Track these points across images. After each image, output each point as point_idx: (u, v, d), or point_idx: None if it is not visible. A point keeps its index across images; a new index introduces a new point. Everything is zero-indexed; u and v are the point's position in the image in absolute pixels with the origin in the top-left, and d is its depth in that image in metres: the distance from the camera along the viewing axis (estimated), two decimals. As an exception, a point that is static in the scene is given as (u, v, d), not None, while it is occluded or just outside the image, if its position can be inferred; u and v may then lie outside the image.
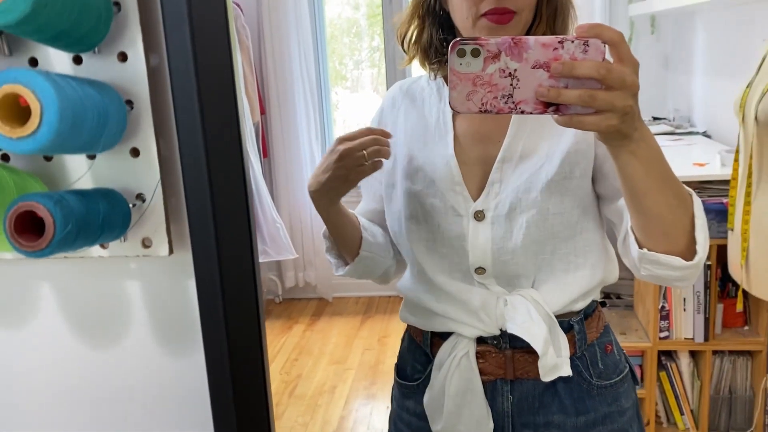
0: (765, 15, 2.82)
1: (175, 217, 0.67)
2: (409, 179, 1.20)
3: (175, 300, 0.71)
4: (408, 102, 1.27)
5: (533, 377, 1.18)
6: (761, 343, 2.68)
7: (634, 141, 0.86)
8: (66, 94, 0.52)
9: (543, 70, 0.77)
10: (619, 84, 0.78)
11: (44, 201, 0.54)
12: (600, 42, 0.77)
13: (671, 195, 0.96)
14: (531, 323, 1.13)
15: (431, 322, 1.23)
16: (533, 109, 0.78)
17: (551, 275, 1.17)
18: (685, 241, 1.01)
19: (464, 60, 0.77)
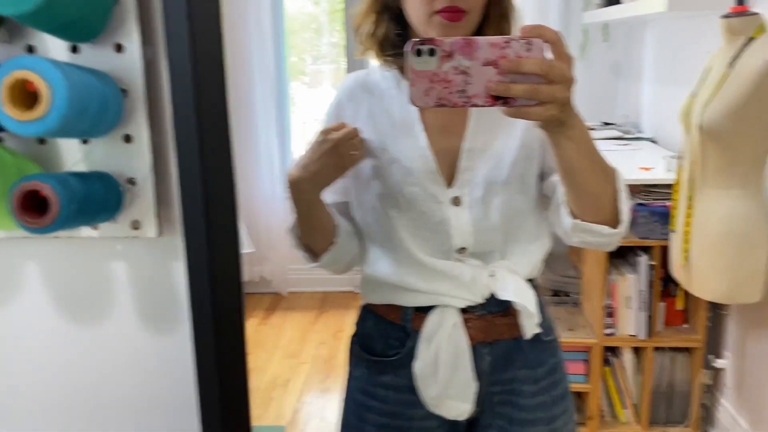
0: (710, 28, 2.97)
1: (163, 202, 0.70)
2: (385, 170, 1.26)
3: (161, 281, 0.73)
4: (368, 95, 1.32)
5: (506, 338, 1.31)
6: (699, 340, 2.82)
7: (569, 127, 0.98)
8: (73, 80, 0.54)
9: (492, 67, 0.86)
10: (559, 78, 0.88)
11: (49, 180, 0.57)
12: (541, 41, 0.87)
13: (600, 171, 1.10)
14: (521, 289, 1.27)
15: (416, 298, 1.30)
16: (484, 103, 0.87)
17: (517, 246, 1.31)
18: (611, 211, 1.15)
19: (421, 59, 0.85)
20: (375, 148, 1.28)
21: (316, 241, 1.31)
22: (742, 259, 2.32)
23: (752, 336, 2.63)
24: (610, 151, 3.26)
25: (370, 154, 1.28)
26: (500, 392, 1.32)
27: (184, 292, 0.73)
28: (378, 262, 1.34)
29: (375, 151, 1.28)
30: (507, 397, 1.32)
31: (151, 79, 0.67)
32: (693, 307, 2.90)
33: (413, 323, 1.31)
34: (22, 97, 0.56)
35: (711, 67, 2.42)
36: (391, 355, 1.34)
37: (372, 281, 1.36)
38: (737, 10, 2.27)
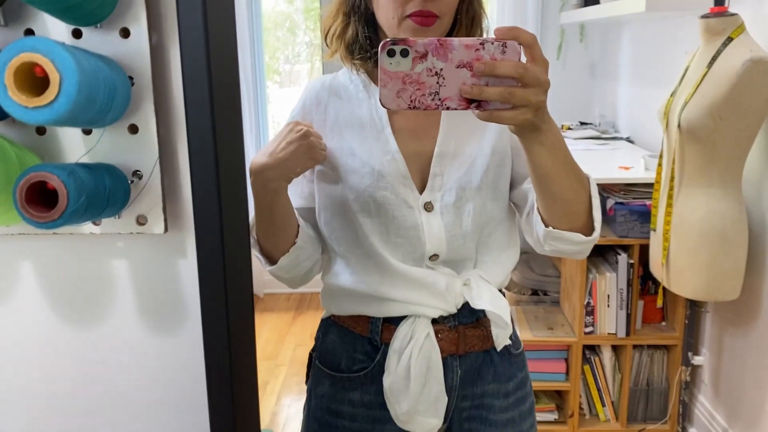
0: (686, 29, 3.01)
1: (170, 196, 0.67)
2: (355, 174, 1.21)
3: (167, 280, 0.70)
4: (335, 98, 1.28)
5: (477, 350, 1.29)
6: (677, 337, 2.85)
7: (543, 132, 0.97)
8: (82, 65, 0.51)
9: (466, 69, 0.84)
10: (534, 82, 0.86)
11: (57, 172, 0.53)
12: (517, 44, 0.85)
13: (573, 178, 1.09)
14: (496, 298, 1.24)
15: (386, 308, 1.25)
16: (458, 106, 0.85)
17: (488, 255, 1.28)
18: (584, 219, 1.15)
19: (394, 60, 0.83)
20: (343, 152, 1.23)
21: (276, 241, 1.24)
22: (721, 257, 2.35)
23: (729, 333, 2.67)
24: (588, 151, 3.29)
25: (337, 158, 1.24)
26: (470, 407, 1.29)
27: (191, 291, 0.69)
28: (344, 271, 1.28)
29: (343, 156, 1.23)
30: (477, 412, 1.29)
31: (156, 66, 0.64)
32: (671, 306, 2.93)
33: (382, 335, 1.26)
34: (27, 81, 0.52)
35: (689, 66, 2.45)
36: (358, 370, 1.29)
37: (336, 292, 1.30)
38: (716, 10, 2.30)
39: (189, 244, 0.68)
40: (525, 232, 1.28)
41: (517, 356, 1.35)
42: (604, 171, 2.87)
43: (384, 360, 1.25)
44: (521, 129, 0.95)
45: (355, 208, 1.22)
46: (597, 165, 2.95)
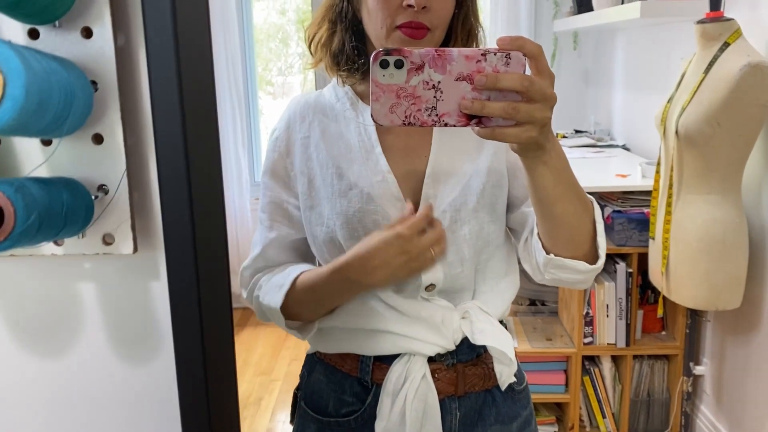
0: (681, 35, 2.98)
1: (139, 212, 0.61)
2: (344, 198, 1.12)
3: (137, 302, 0.64)
4: (321, 117, 1.19)
5: (477, 390, 1.19)
6: (677, 347, 2.80)
7: (547, 152, 0.89)
8: (32, 67, 0.45)
9: (466, 82, 0.77)
10: (540, 96, 0.79)
11: (3, 188, 0.47)
12: (521, 55, 0.78)
13: (577, 202, 1.01)
14: (498, 333, 1.15)
15: (378, 345, 1.15)
16: (456, 122, 0.78)
17: (485, 284, 1.18)
18: (588, 246, 1.07)
19: (387, 71, 0.76)
20: (329, 174, 1.14)
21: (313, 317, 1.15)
22: (721, 265, 2.31)
23: (731, 342, 2.62)
24: (584, 159, 3.25)
25: (323, 181, 1.14)
26: None
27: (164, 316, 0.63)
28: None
29: (329, 177, 1.14)
30: None
31: (123, 70, 0.58)
32: (671, 314, 2.88)
33: (373, 375, 1.16)
34: (-31, 87, 0.47)
35: (686, 72, 2.41)
36: (347, 414, 1.18)
37: (320, 327, 1.18)
38: (712, 15, 2.27)
39: (161, 264, 0.62)
40: (523, 260, 1.18)
41: (521, 392, 1.25)
42: (601, 179, 2.83)
43: (375, 402, 1.15)
44: (524, 148, 0.88)
45: (343, 234, 1.12)
46: (593, 173, 2.91)
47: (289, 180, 1.18)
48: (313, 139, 1.17)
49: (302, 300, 1.10)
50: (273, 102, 5.22)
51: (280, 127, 1.20)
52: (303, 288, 1.10)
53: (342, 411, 1.18)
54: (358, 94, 1.19)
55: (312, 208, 1.16)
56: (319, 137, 1.17)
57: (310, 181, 1.16)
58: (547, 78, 0.82)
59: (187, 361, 0.50)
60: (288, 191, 1.18)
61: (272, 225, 1.17)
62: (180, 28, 0.45)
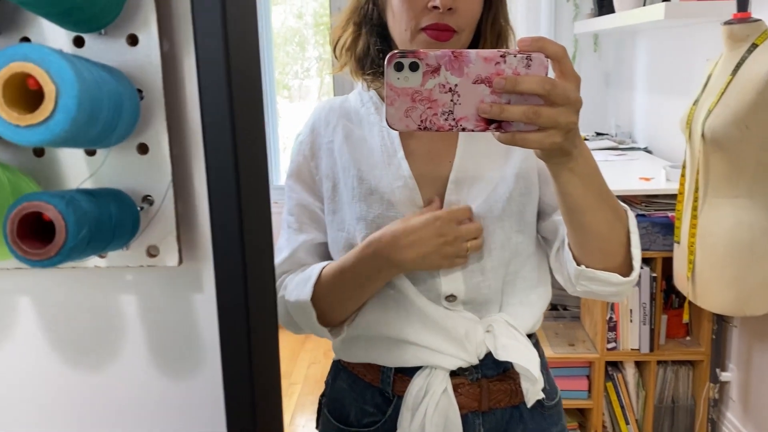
0: (704, 36, 2.94)
1: (184, 224, 0.60)
2: (364, 202, 1.10)
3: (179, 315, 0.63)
4: (345, 121, 1.17)
5: (503, 406, 1.15)
6: (702, 353, 2.76)
7: (574, 158, 0.85)
8: (84, 77, 0.44)
9: (485, 85, 0.74)
10: (563, 100, 0.76)
11: (55, 201, 0.46)
12: (543, 56, 0.75)
13: (609, 211, 0.96)
14: (523, 348, 1.10)
15: (400, 356, 1.12)
16: (474, 127, 0.75)
17: (514, 296, 1.14)
18: (622, 257, 1.01)
19: (402, 74, 0.73)
20: (353, 177, 1.12)
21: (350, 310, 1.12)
22: (749, 270, 2.27)
23: (758, 348, 2.57)
24: (606, 162, 3.22)
25: (345, 186, 1.13)
26: None
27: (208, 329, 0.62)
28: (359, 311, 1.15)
29: (351, 181, 1.12)
30: None
31: (168, 77, 0.57)
32: (695, 320, 2.84)
33: (394, 387, 1.13)
34: (19, 96, 0.46)
35: (712, 74, 2.38)
36: (368, 424, 1.16)
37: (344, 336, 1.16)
38: (739, 16, 2.23)
39: (205, 276, 0.61)
40: (555, 270, 1.14)
41: (552, 408, 1.20)
42: (624, 182, 2.80)
43: (396, 414, 1.12)
44: (549, 154, 0.83)
45: (363, 240, 1.09)
46: (615, 176, 2.87)
47: (314, 184, 1.17)
48: (337, 143, 1.16)
49: (330, 286, 1.08)
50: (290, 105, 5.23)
51: (305, 132, 1.20)
52: (331, 273, 1.09)
53: (363, 421, 1.17)
54: (382, 98, 1.17)
55: (334, 212, 1.15)
56: (342, 141, 1.15)
57: (335, 186, 1.15)
58: (572, 80, 0.78)
59: (234, 373, 0.48)
60: (313, 195, 1.17)
61: (301, 227, 1.17)
62: (230, 33, 0.44)
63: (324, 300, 1.09)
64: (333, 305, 1.10)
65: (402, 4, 1.04)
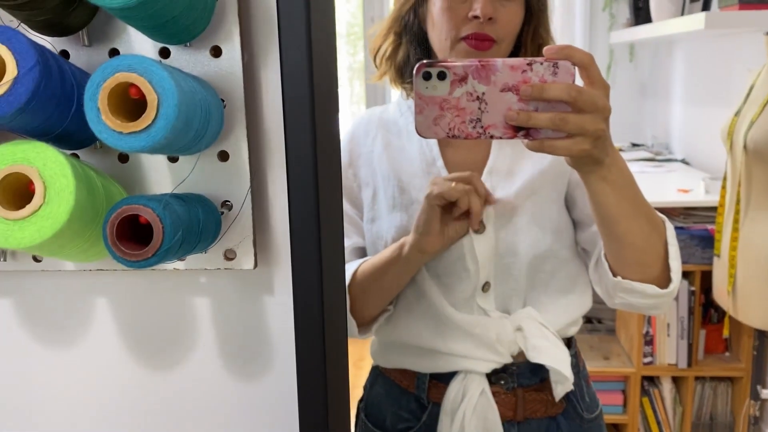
0: (747, 45, 2.90)
1: (259, 228, 0.61)
2: (404, 211, 1.12)
3: (254, 318, 0.64)
4: (384, 131, 1.19)
5: (539, 416, 1.14)
6: (742, 369, 2.71)
7: (606, 166, 0.85)
8: (181, 86, 0.46)
9: (512, 93, 0.75)
10: (590, 107, 0.76)
11: (152, 204, 0.48)
12: (570, 64, 0.75)
13: (644, 221, 0.95)
14: (553, 348, 1.10)
15: (434, 362, 1.13)
16: (502, 134, 0.76)
17: (545, 295, 1.14)
18: (659, 269, 1.00)
19: (430, 83, 0.75)
20: (394, 186, 1.14)
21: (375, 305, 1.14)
22: (793, 285, 2.23)
23: (802, 365, 2.52)
24: (643, 173, 3.18)
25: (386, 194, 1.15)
26: None
27: (279, 332, 0.64)
28: (388, 320, 1.17)
29: (391, 189, 1.14)
30: None
31: (248, 87, 0.59)
32: (735, 335, 2.79)
33: (429, 393, 1.14)
34: (119, 105, 0.48)
35: (754, 84, 2.35)
36: (403, 429, 1.17)
37: (381, 341, 1.20)
38: (784, 26, 2.20)
39: (277, 280, 0.62)
40: (594, 282, 1.14)
41: (591, 421, 1.19)
42: (661, 194, 2.76)
43: (431, 421, 1.13)
44: (579, 162, 0.84)
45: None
46: (653, 188, 2.84)
47: (351, 191, 1.19)
48: (377, 153, 1.18)
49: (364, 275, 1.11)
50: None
51: (344, 141, 1.22)
52: (367, 264, 1.12)
53: (398, 426, 1.17)
54: None
55: (373, 220, 1.16)
56: (381, 151, 1.17)
57: (374, 195, 1.16)
58: (600, 88, 0.79)
59: (309, 376, 0.50)
60: (351, 202, 1.20)
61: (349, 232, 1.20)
62: (314, 46, 0.45)
63: (357, 289, 1.11)
64: (365, 295, 1.12)
65: (442, 13, 1.05)
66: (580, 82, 0.78)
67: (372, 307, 1.13)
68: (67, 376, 0.69)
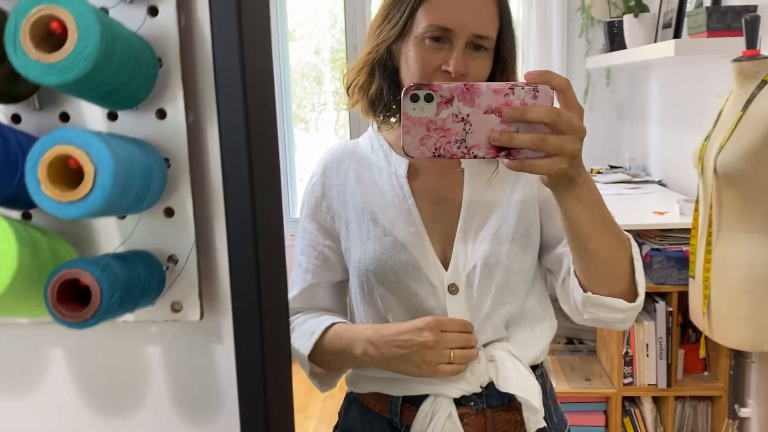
0: (717, 70, 2.97)
1: (206, 279, 0.64)
2: (377, 242, 1.16)
3: (202, 366, 0.66)
4: (356, 165, 1.23)
5: None
6: (721, 388, 2.74)
7: (579, 186, 0.90)
8: (118, 155, 0.49)
9: (495, 115, 0.79)
10: (568, 128, 0.80)
11: (90, 268, 0.50)
12: (549, 88, 0.80)
13: (613, 238, 1.01)
14: (524, 379, 1.13)
15: (405, 386, 1.16)
16: (485, 154, 0.80)
17: (519, 330, 1.19)
18: (627, 283, 1.05)
19: (417, 105, 0.79)
20: (366, 219, 1.18)
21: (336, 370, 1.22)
22: (765, 305, 2.26)
23: (778, 384, 2.55)
24: (620, 195, 3.23)
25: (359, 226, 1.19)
26: None
27: (227, 378, 0.66)
28: None
29: (365, 222, 1.18)
30: None
31: (193, 145, 0.62)
32: (713, 354, 2.82)
33: (402, 416, 1.17)
34: (60, 173, 0.50)
35: (723, 109, 2.40)
36: None
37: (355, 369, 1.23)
38: (749, 54, 2.26)
39: (225, 328, 0.65)
40: (561, 300, 1.18)
41: None
42: (638, 216, 2.81)
43: None
44: (555, 181, 0.89)
45: (376, 279, 1.16)
46: (630, 210, 2.88)
47: (325, 222, 1.22)
48: (349, 185, 1.21)
49: (328, 352, 1.16)
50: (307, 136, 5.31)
51: (317, 173, 1.26)
52: (332, 336, 1.16)
53: None
54: (391, 144, 1.23)
55: (348, 251, 1.20)
56: (354, 184, 1.21)
57: (347, 225, 1.20)
58: (576, 111, 0.83)
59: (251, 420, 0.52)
60: (324, 234, 1.22)
61: (308, 268, 1.23)
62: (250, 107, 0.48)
63: (321, 356, 1.16)
64: (329, 364, 1.19)
65: (416, 60, 1.09)
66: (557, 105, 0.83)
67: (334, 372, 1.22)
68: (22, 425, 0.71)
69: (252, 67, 0.49)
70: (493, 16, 1.10)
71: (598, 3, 3.68)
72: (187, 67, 0.60)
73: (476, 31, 1.07)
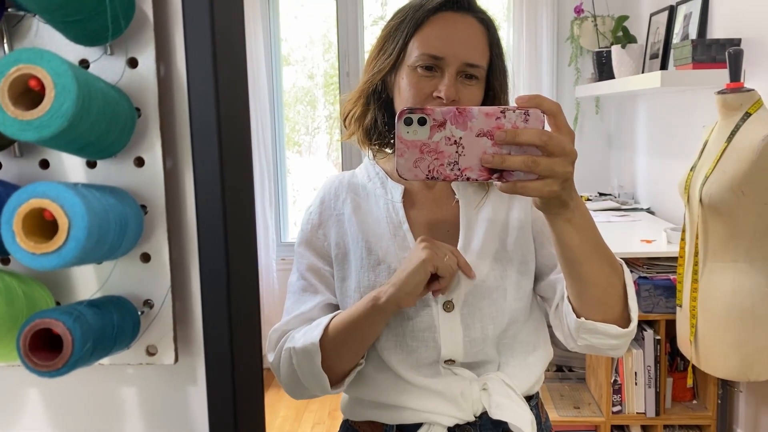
0: (703, 100, 3.01)
1: (181, 323, 0.65)
2: (371, 271, 1.17)
3: (177, 408, 0.67)
4: (353, 195, 1.25)
5: None
6: (709, 417, 2.74)
7: (570, 209, 0.91)
8: (93, 207, 0.50)
9: (487, 138, 0.81)
10: (559, 151, 0.82)
11: (63, 318, 0.51)
12: (540, 112, 0.82)
13: (605, 262, 1.01)
14: (516, 407, 1.13)
15: (399, 415, 1.17)
16: (478, 176, 0.82)
17: (512, 358, 1.19)
18: (620, 309, 1.06)
19: (411, 128, 0.80)
20: (361, 247, 1.19)
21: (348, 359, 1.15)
22: (752, 335, 2.27)
23: (765, 412, 2.55)
24: (609, 223, 3.25)
25: (355, 254, 1.19)
26: None
27: (200, 420, 0.66)
28: (356, 379, 1.19)
29: (360, 251, 1.19)
30: None
31: (170, 192, 0.63)
32: (702, 383, 2.83)
33: None
34: (35, 224, 0.52)
35: (708, 140, 2.43)
36: None
37: (350, 396, 1.23)
38: (733, 86, 2.30)
39: (199, 371, 0.65)
40: (554, 327, 1.19)
41: None
42: (626, 245, 2.83)
43: None
44: (547, 204, 0.90)
45: None
46: (618, 238, 2.91)
47: (322, 249, 1.24)
48: (347, 215, 1.23)
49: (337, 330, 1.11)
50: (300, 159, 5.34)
51: (315, 203, 1.28)
52: (339, 319, 1.12)
53: None
54: (387, 173, 1.25)
55: (344, 279, 1.21)
56: (351, 213, 1.23)
57: (345, 255, 1.21)
58: (567, 134, 0.84)
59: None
60: (322, 260, 1.23)
61: (314, 289, 1.22)
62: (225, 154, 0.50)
63: (331, 343, 1.11)
64: (338, 345, 1.12)
65: (409, 88, 1.12)
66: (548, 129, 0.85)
67: (345, 362, 1.15)
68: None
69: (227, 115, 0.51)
70: (484, 47, 1.14)
71: (587, 33, 3.74)
72: (165, 115, 0.62)
73: (467, 59, 1.10)
